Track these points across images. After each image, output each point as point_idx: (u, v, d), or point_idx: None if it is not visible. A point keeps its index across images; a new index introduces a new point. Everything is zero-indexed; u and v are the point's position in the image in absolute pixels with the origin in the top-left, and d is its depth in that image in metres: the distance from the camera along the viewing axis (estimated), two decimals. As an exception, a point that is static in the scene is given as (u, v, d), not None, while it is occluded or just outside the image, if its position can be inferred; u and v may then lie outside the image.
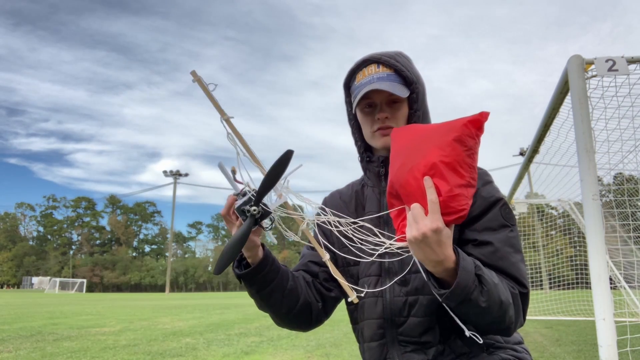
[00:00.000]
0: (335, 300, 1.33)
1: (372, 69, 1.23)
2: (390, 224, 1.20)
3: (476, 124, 0.97)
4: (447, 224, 0.94)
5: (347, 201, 1.37)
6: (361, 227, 1.07)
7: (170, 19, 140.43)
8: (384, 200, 1.26)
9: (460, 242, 1.14)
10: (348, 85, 1.31)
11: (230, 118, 1.06)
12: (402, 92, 1.19)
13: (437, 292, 0.96)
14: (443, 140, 0.96)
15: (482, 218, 1.12)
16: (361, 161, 1.34)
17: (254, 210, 1.01)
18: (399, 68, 1.21)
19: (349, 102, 1.32)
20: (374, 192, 1.30)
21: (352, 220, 1.09)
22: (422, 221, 0.91)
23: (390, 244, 1.02)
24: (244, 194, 1.05)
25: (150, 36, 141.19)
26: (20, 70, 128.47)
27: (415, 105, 1.23)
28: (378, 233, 1.06)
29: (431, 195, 0.92)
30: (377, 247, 1.04)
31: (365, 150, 1.32)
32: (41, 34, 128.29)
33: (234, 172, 1.08)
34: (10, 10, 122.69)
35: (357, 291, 1.12)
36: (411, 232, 0.93)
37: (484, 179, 1.19)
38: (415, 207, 0.93)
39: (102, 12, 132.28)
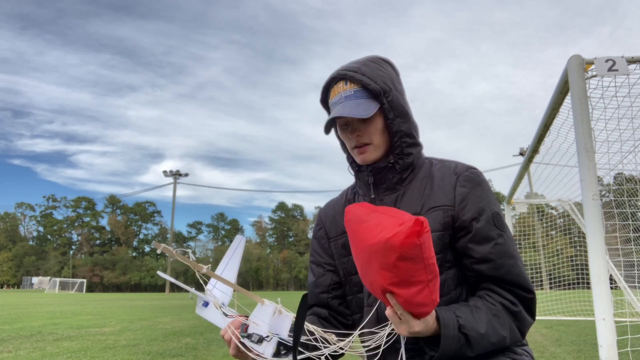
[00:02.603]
0: (357, 310, 1.35)
1: (341, 86, 1.21)
2: None
3: (414, 236, 0.89)
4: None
5: (339, 210, 1.37)
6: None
7: (175, 23, 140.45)
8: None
9: (457, 253, 1.18)
10: (326, 100, 1.30)
11: (207, 267, 1.09)
12: (367, 110, 1.16)
13: (429, 352, 1.06)
14: (387, 262, 0.91)
15: (474, 225, 1.15)
16: (351, 170, 1.35)
17: None
18: (365, 82, 1.18)
19: None
20: (365, 201, 1.30)
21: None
22: (399, 326, 1.00)
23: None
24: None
25: (155, 40, 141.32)
26: (27, 73, 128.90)
27: (390, 114, 1.21)
28: None
29: (398, 310, 0.98)
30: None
31: (355, 160, 1.31)
32: (48, 37, 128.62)
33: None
34: (19, 14, 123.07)
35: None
36: (396, 329, 1.03)
37: (475, 180, 1.20)
38: (389, 314, 1.00)
39: (108, 16, 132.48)
